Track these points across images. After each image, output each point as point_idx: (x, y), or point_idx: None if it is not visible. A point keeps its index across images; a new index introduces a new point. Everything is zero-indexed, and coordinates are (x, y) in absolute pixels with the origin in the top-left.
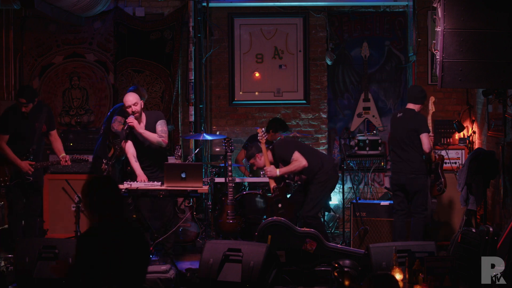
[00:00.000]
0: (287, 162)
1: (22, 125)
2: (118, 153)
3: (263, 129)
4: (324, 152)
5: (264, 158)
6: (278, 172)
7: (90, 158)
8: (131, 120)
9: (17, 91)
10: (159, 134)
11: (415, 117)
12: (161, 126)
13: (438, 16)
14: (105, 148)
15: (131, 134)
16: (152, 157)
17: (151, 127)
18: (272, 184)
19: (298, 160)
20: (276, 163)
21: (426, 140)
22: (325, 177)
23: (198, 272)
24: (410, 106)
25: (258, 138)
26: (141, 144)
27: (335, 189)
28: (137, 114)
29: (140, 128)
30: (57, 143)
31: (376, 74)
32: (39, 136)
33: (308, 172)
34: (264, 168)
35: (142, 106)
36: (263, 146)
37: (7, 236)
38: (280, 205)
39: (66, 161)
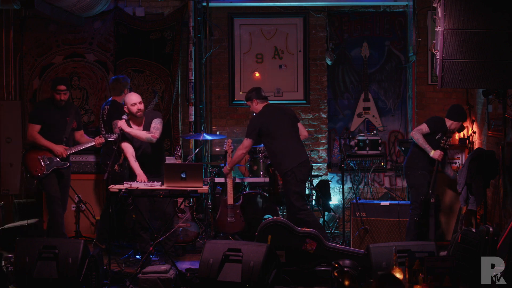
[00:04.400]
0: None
1: (55, 116)
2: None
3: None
4: (324, 152)
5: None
6: (228, 167)
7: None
8: (120, 123)
9: (53, 82)
10: (151, 130)
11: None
12: (155, 123)
13: (438, 16)
14: (113, 152)
15: (126, 136)
16: (148, 161)
17: (148, 127)
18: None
19: (240, 147)
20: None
21: (420, 126)
22: (288, 170)
23: (198, 272)
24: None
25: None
26: (136, 149)
27: (335, 189)
28: (140, 113)
29: (127, 128)
30: (84, 139)
31: (376, 74)
32: (70, 130)
33: (271, 158)
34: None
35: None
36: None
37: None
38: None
39: (100, 138)
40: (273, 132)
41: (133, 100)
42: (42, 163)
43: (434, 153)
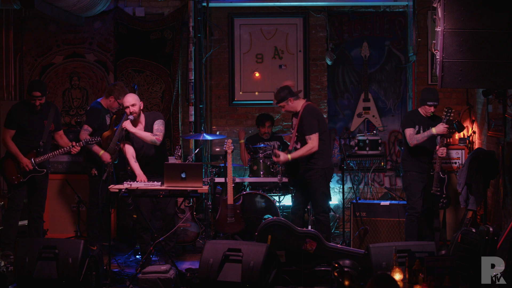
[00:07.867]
0: (303, 133)
1: (31, 120)
2: (113, 156)
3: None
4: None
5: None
6: (290, 157)
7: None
8: (125, 124)
9: (29, 86)
10: (154, 132)
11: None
12: (157, 125)
13: (438, 16)
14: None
15: (128, 137)
16: (150, 162)
17: (149, 128)
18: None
19: (312, 142)
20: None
21: (406, 134)
22: (321, 168)
23: (198, 272)
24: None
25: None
26: (138, 150)
27: (335, 189)
28: (135, 115)
29: (132, 128)
30: (63, 141)
31: (376, 74)
32: (48, 133)
33: (311, 157)
34: (277, 153)
35: (141, 108)
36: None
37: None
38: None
39: (73, 146)
40: (321, 129)
41: (126, 103)
42: (19, 170)
43: (437, 129)
